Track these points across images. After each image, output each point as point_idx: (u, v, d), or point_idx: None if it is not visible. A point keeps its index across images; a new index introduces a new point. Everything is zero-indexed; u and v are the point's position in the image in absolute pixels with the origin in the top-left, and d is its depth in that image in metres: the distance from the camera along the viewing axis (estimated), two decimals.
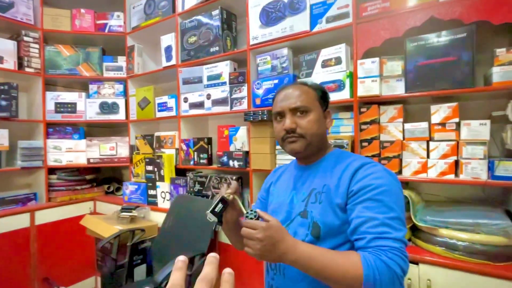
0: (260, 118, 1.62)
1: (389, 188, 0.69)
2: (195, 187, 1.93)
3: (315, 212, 0.75)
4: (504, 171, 1.12)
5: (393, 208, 0.66)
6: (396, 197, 0.68)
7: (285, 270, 0.76)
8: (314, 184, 0.80)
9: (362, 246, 0.64)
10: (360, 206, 0.68)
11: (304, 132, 0.79)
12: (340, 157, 0.82)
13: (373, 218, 0.65)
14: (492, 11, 1.11)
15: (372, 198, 0.67)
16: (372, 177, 0.70)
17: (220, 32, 1.87)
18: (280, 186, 0.92)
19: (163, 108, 2.19)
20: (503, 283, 1.01)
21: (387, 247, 0.61)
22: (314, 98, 0.83)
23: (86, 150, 2.40)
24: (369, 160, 0.77)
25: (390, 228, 0.63)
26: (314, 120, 0.80)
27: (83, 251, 2.34)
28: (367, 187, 0.69)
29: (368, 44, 1.36)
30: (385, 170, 0.73)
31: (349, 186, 0.72)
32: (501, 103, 1.25)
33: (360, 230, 0.66)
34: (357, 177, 0.72)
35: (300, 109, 0.80)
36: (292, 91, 0.82)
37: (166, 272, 1.26)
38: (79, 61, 2.40)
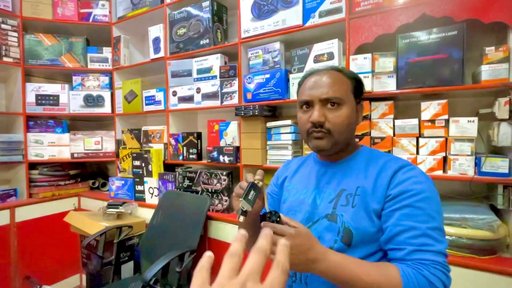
0: (251, 113, 1.60)
1: (431, 195, 0.63)
2: (184, 183, 1.89)
3: (347, 217, 0.67)
4: (490, 167, 1.15)
5: (435, 217, 0.61)
6: (436, 205, 0.63)
7: (308, 279, 0.69)
8: (343, 185, 0.72)
9: (400, 257, 0.59)
10: (399, 213, 0.62)
11: (333, 128, 0.70)
12: (372, 156, 0.74)
13: (413, 228, 0.59)
14: (482, 9, 1.13)
15: (412, 205, 0.61)
16: (413, 181, 0.64)
17: (211, 24, 1.82)
18: (298, 182, 0.83)
19: (151, 101, 2.13)
20: (488, 275, 1.04)
21: (429, 261, 0.56)
22: (348, 89, 0.73)
23: (70, 144, 2.31)
24: (407, 162, 0.70)
25: (432, 240, 0.58)
26: (346, 115, 0.70)
27: (67, 249, 2.27)
28: (407, 192, 0.63)
29: (361, 39, 1.36)
30: (424, 174, 0.67)
31: (387, 190, 0.66)
32: (488, 100, 1.28)
33: (398, 239, 0.60)
34: (396, 180, 0.65)
35: (331, 101, 0.70)
36: (325, 78, 0.72)
37: (155, 269, 1.23)
38: (61, 51, 2.29)
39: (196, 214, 1.65)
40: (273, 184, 0.93)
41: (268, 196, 0.91)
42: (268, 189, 0.93)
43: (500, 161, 1.13)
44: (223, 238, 1.67)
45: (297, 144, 1.62)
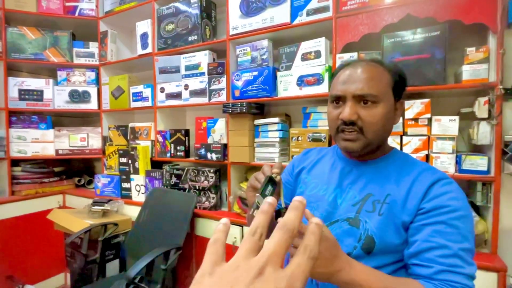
0: (239, 110, 1.60)
1: (466, 213, 0.59)
2: (171, 180, 1.88)
3: (371, 224, 0.62)
4: (470, 165, 1.18)
5: (468, 238, 0.57)
6: (471, 225, 0.59)
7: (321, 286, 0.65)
8: (370, 189, 0.66)
9: (427, 275, 0.55)
10: (431, 228, 0.58)
11: (366, 128, 0.63)
12: (406, 163, 0.68)
13: (445, 246, 0.55)
14: (463, 11, 1.15)
15: (446, 222, 0.57)
16: (450, 196, 0.59)
17: (199, 21, 1.81)
18: (317, 176, 0.77)
19: (138, 98, 2.10)
20: None
21: (459, 284, 0.53)
22: (387, 85, 0.65)
23: (54, 140, 2.26)
24: (445, 175, 0.64)
25: (463, 262, 0.54)
26: (382, 114, 0.63)
27: (51, 247, 2.22)
28: (443, 207, 0.58)
29: (347, 38, 1.37)
30: (461, 191, 0.62)
31: (421, 203, 0.61)
32: (469, 100, 1.31)
33: (426, 256, 0.56)
34: (431, 194, 0.60)
35: (366, 98, 0.63)
36: (361, 72, 0.65)
37: (139, 266, 1.22)
38: (46, 45, 2.24)
39: (183, 212, 1.64)
40: (288, 173, 0.86)
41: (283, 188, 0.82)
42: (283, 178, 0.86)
43: (479, 159, 1.16)
44: (210, 236, 1.66)
45: (284, 142, 1.63)
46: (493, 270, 1.04)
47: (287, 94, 1.54)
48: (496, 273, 1.03)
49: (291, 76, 1.52)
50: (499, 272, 1.03)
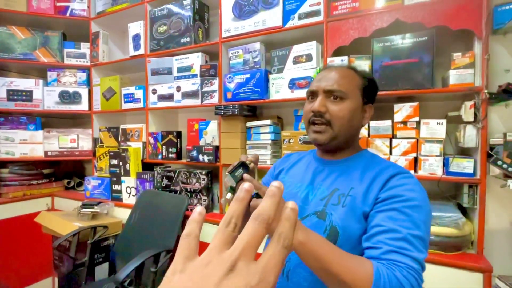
0: (231, 112, 1.60)
1: (421, 204, 0.62)
2: (162, 182, 1.86)
3: (336, 216, 0.67)
4: (457, 168, 1.20)
5: (420, 226, 0.59)
6: (425, 216, 0.61)
7: (290, 273, 0.69)
8: (337, 184, 0.72)
9: (375, 256, 0.57)
10: (384, 214, 0.61)
11: (333, 120, 0.70)
12: (371, 161, 0.73)
13: (395, 230, 0.58)
14: (450, 17, 1.18)
15: (399, 210, 0.61)
16: (406, 188, 0.64)
17: (192, 23, 1.81)
18: (293, 176, 0.83)
19: (130, 99, 2.08)
20: (453, 271, 1.09)
21: (404, 265, 0.54)
22: (356, 86, 0.73)
23: (43, 142, 2.22)
24: (405, 170, 0.69)
25: (412, 246, 0.57)
26: (348, 110, 0.70)
27: (39, 251, 2.17)
28: (398, 197, 0.62)
29: (338, 42, 1.39)
30: (419, 184, 0.66)
31: (379, 193, 0.65)
32: (456, 104, 1.34)
33: (376, 238, 0.59)
34: (388, 185, 0.65)
35: (335, 93, 0.70)
36: (334, 73, 0.73)
37: (128, 269, 1.21)
38: (36, 46, 2.20)
39: (174, 214, 1.63)
40: (269, 175, 0.92)
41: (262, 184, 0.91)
42: (264, 179, 0.93)
43: (466, 162, 1.19)
44: (202, 238, 1.63)
45: (276, 144, 1.63)
46: (479, 271, 1.06)
47: (279, 96, 1.55)
48: (482, 274, 1.05)
49: (283, 79, 1.53)
50: (485, 273, 1.05)
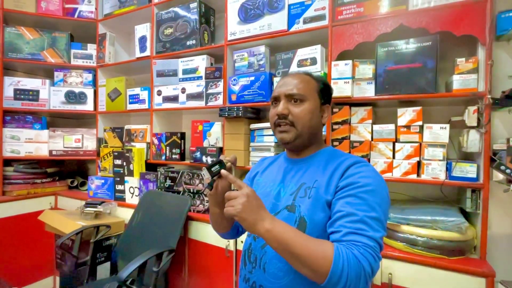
0: (235, 114, 1.62)
1: (375, 188, 0.68)
2: (166, 183, 1.88)
3: (303, 207, 0.73)
4: (460, 172, 1.20)
5: (375, 208, 0.65)
6: (380, 199, 0.67)
7: (266, 265, 0.74)
8: (304, 179, 0.78)
9: (337, 239, 0.63)
10: (343, 201, 0.67)
11: (295, 121, 0.78)
12: (333, 155, 0.80)
13: (352, 214, 0.64)
14: (454, 23, 1.20)
15: (355, 195, 0.66)
16: (361, 175, 0.70)
17: (198, 26, 1.84)
18: (267, 177, 0.90)
19: (135, 100, 2.11)
20: (456, 275, 1.08)
21: (361, 243, 0.60)
22: (313, 89, 0.81)
23: (48, 141, 2.25)
24: (362, 160, 0.76)
25: (368, 227, 0.62)
26: (308, 110, 0.78)
27: (41, 249, 2.19)
28: (354, 184, 0.68)
29: (342, 46, 1.40)
30: (375, 172, 0.73)
31: (338, 182, 0.71)
32: (459, 109, 1.35)
33: (337, 223, 0.65)
34: (346, 174, 0.72)
35: (295, 97, 0.78)
36: (292, 79, 0.82)
37: (131, 268, 1.21)
38: (43, 46, 2.24)
39: (177, 214, 1.64)
40: (247, 178, 0.99)
41: None
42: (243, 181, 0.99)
43: (469, 166, 1.19)
44: (203, 239, 1.66)
45: (279, 146, 1.64)
46: (481, 276, 1.05)
47: None
48: (485, 279, 1.05)
49: None
50: (488, 278, 1.05)
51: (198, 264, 1.67)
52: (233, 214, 0.64)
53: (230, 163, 0.78)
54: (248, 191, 0.65)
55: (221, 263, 1.57)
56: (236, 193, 0.66)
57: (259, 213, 0.64)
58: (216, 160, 0.75)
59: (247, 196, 0.64)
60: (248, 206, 0.64)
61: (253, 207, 0.64)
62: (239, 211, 0.63)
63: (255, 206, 0.64)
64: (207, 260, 1.63)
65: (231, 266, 1.54)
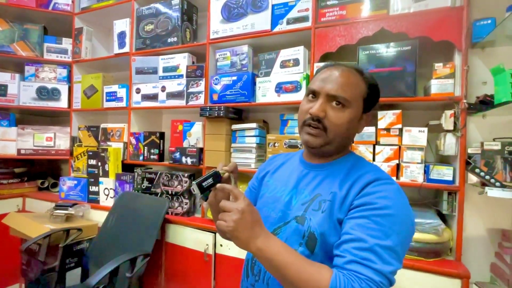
0: (216, 114, 1.58)
1: (396, 213, 0.58)
2: (143, 184, 1.80)
3: (314, 221, 0.64)
4: (437, 175, 1.23)
5: (390, 236, 0.55)
6: (399, 226, 0.57)
7: (270, 280, 0.67)
8: (320, 189, 0.69)
9: (339, 265, 0.56)
10: (354, 222, 0.59)
11: (330, 127, 0.66)
12: (356, 165, 0.70)
13: (361, 240, 0.55)
14: (432, 29, 1.22)
15: (369, 218, 0.57)
16: (379, 195, 0.60)
17: (180, 23, 1.79)
18: (278, 179, 0.80)
19: (112, 98, 2.02)
20: (433, 277, 1.10)
21: (365, 277, 0.52)
22: (360, 95, 0.69)
23: (16, 139, 2.11)
24: (386, 175, 0.66)
25: (377, 257, 0.53)
26: (348, 119, 0.67)
27: (6, 255, 2.04)
28: (370, 204, 0.59)
29: (325, 48, 1.40)
30: (399, 192, 0.62)
31: (353, 200, 0.62)
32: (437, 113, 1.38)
33: (343, 247, 0.57)
34: (364, 192, 0.62)
35: (338, 99, 0.66)
36: (340, 76, 0.67)
37: (101, 274, 1.14)
38: (14, 38, 2.11)
39: (153, 217, 1.57)
40: (255, 178, 0.89)
41: (248, 189, 0.89)
42: (249, 183, 0.91)
43: (445, 169, 1.21)
44: (181, 243, 1.60)
45: (261, 148, 1.62)
46: (457, 277, 1.07)
47: (265, 100, 1.54)
48: (460, 280, 1.07)
49: (269, 82, 1.53)
50: (463, 279, 1.06)
51: (176, 268, 1.61)
52: (225, 231, 0.58)
53: (227, 174, 0.70)
54: (243, 206, 0.58)
55: (199, 268, 1.52)
56: (230, 206, 0.59)
57: (253, 230, 0.58)
58: (210, 173, 0.68)
59: (242, 212, 0.57)
60: (242, 223, 0.57)
61: (247, 223, 0.58)
62: (230, 229, 0.57)
63: (250, 223, 0.58)
64: (185, 265, 1.57)
65: (210, 270, 1.49)
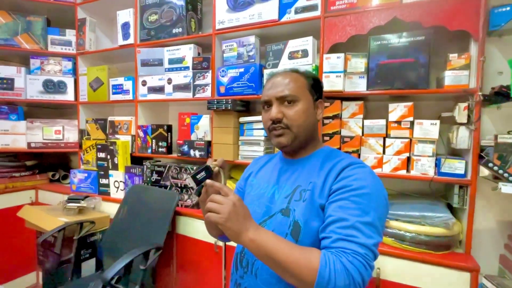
0: (224, 107, 1.57)
1: (371, 191, 0.64)
2: (152, 177, 1.82)
3: (298, 211, 0.70)
4: (448, 168, 1.21)
5: (369, 213, 0.62)
6: (376, 203, 0.64)
7: (258, 271, 0.72)
8: (299, 181, 0.75)
9: (326, 245, 0.61)
10: (335, 205, 0.64)
11: (291, 123, 0.74)
12: (329, 156, 0.77)
13: (344, 219, 0.61)
14: (448, 18, 1.17)
15: (347, 199, 0.63)
16: (355, 177, 0.66)
17: (184, 13, 1.75)
18: (261, 178, 0.87)
19: (119, 90, 2.01)
20: (442, 270, 1.10)
21: (351, 251, 0.57)
22: (304, 87, 0.78)
23: (26, 133, 2.13)
24: (358, 161, 0.73)
25: (359, 232, 0.59)
26: (302, 110, 0.75)
27: (23, 245, 2.10)
28: (347, 186, 0.65)
29: (335, 39, 1.36)
30: (371, 173, 0.69)
31: (332, 185, 0.68)
32: (449, 105, 1.35)
33: (328, 229, 0.62)
34: (340, 176, 0.68)
35: (287, 98, 0.75)
36: (281, 79, 0.77)
37: (117, 268, 1.18)
38: (17, 31, 2.09)
39: (164, 210, 1.60)
40: (242, 178, 0.96)
41: (235, 190, 0.96)
42: (236, 184, 0.98)
43: (457, 163, 1.20)
44: (191, 234, 1.63)
45: (269, 140, 1.61)
46: (466, 270, 1.08)
47: None
48: (469, 273, 1.07)
49: None
50: (472, 272, 1.07)
51: (187, 260, 1.65)
52: (218, 223, 0.61)
53: (217, 168, 0.76)
54: (235, 199, 0.62)
55: (210, 259, 1.56)
56: (221, 199, 0.62)
57: (244, 223, 0.62)
58: (202, 167, 0.73)
59: (234, 204, 0.61)
60: (234, 215, 0.61)
61: (239, 216, 0.61)
62: (224, 220, 0.60)
63: (241, 215, 0.62)
64: (196, 256, 1.61)
65: (221, 261, 1.52)
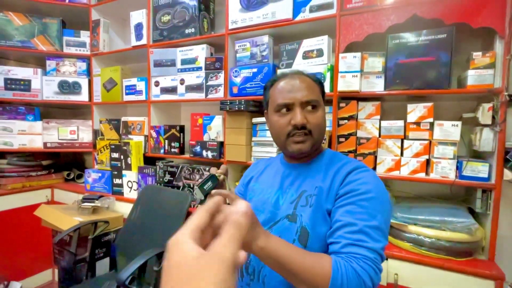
0: (237, 108, 1.55)
1: (376, 195, 0.65)
2: (165, 177, 1.83)
3: (305, 217, 0.69)
4: (471, 172, 1.16)
5: (376, 217, 0.63)
6: (381, 206, 0.65)
7: (266, 278, 0.70)
8: (305, 186, 0.75)
9: (336, 251, 0.61)
10: (342, 209, 0.65)
11: (313, 129, 0.73)
12: (333, 159, 0.77)
13: (352, 224, 0.61)
14: (472, 14, 1.12)
15: (355, 203, 0.64)
16: (361, 181, 0.67)
17: (197, 13, 1.74)
18: (263, 183, 0.85)
19: (132, 91, 2.02)
20: (464, 277, 1.06)
21: (361, 256, 0.58)
22: (319, 92, 0.78)
23: (42, 133, 2.17)
24: (362, 165, 0.74)
25: (368, 237, 0.60)
26: (323, 116, 0.76)
27: (39, 243, 2.15)
28: (354, 191, 0.66)
29: (351, 37, 1.33)
30: (375, 177, 0.70)
31: (338, 190, 0.69)
32: (471, 105, 1.30)
33: (336, 234, 0.63)
34: (346, 181, 0.69)
35: (311, 103, 0.74)
36: (300, 83, 0.75)
37: (131, 269, 1.18)
38: (34, 33, 2.13)
39: (177, 210, 1.60)
40: (241, 183, 0.95)
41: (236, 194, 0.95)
42: (236, 189, 0.96)
43: (480, 166, 1.15)
44: None
45: None
46: (490, 278, 1.03)
47: None
48: (494, 281, 1.03)
49: None
50: (496, 280, 1.03)
51: None
52: None
53: (222, 176, 0.76)
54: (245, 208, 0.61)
55: None
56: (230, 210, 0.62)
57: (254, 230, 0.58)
58: (207, 176, 0.73)
59: None
60: None
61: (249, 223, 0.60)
62: None
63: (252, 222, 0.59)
64: None
65: None
